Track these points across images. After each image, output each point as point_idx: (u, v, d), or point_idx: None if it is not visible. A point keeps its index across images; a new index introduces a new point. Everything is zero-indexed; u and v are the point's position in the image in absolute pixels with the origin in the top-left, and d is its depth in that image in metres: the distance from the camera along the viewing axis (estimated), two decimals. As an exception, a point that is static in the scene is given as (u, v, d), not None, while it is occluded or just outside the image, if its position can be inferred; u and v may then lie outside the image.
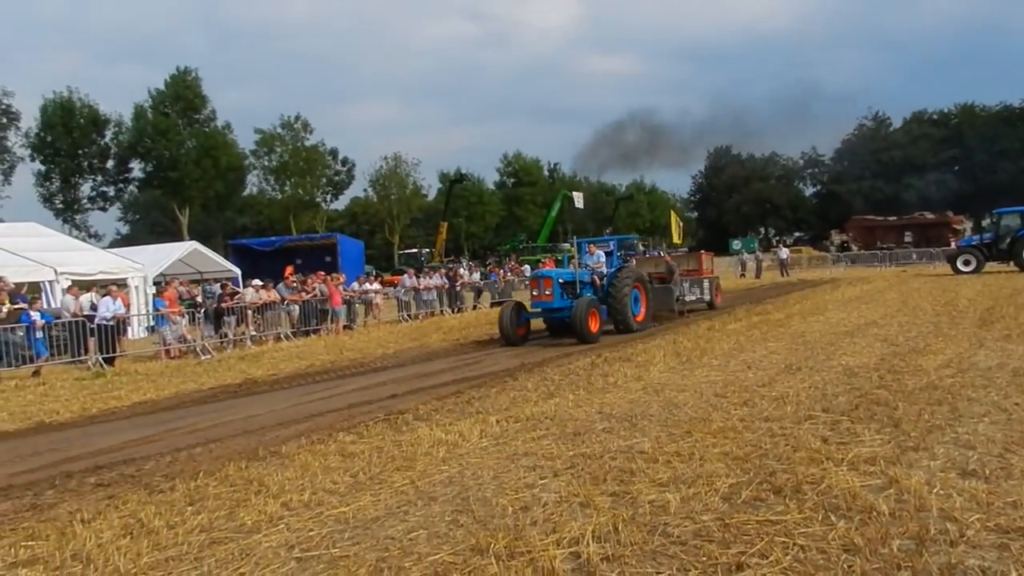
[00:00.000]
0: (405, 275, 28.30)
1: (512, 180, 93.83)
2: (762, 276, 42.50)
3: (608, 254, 18.33)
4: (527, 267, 43.16)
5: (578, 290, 16.60)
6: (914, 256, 45.89)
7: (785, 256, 45.03)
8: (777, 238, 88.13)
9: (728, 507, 4.65)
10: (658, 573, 3.75)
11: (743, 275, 44.22)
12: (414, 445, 6.88)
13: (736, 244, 76.94)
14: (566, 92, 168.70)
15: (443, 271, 32.17)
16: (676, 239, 75.17)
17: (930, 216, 59.96)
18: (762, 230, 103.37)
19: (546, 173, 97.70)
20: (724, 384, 9.00)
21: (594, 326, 15.38)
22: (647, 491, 5.04)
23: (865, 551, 3.87)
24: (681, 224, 56.70)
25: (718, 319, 17.61)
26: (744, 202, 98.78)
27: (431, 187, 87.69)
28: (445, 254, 59.61)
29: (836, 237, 64.90)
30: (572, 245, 17.48)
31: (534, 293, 16.59)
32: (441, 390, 10.58)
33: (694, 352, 11.97)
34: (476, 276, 34.27)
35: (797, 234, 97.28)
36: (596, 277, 17.13)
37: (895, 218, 61.99)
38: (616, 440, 6.58)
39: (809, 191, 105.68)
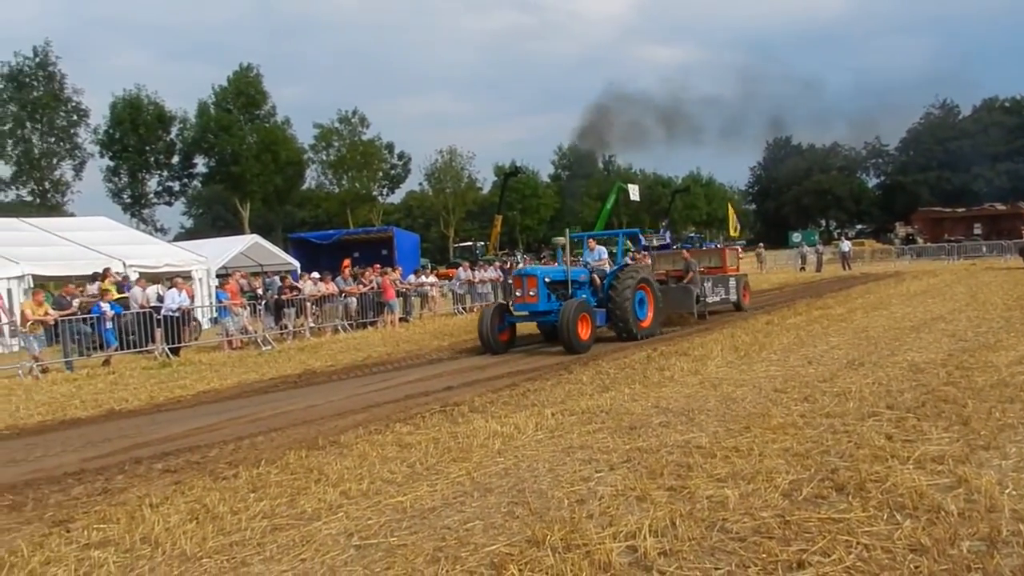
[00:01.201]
0: (460, 268, 28.45)
1: (567, 172, 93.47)
2: (823, 270, 41.53)
3: (625, 251, 17.26)
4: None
5: (570, 291, 14.66)
6: (984, 249, 44.33)
7: (847, 249, 43.90)
8: (839, 231, 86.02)
9: (788, 504, 4.57)
10: (716, 569, 3.71)
11: (803, 268, 43.32)
12: (470, 437, 6.92)
13: (796, 237, 75.46)
14: (622, 83, 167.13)
15: (498, 264, 32.26)
16: (732, 232, 73.90)
17: (1001, 207, 57.74)
18: (823, 223, 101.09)
19: (601, 165, 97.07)
20: (784, 379, 8.83)
21: (584, 333, 13.49)
22: (705, 486, 4.98)
23: (933, 552, 3.76)
24: (736, 218, 55.89)
25: (777, 313, 17.29)
26: (804, 194, 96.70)
27: (486, 180, 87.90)
28: (500, 247, 59.73)
29: (901, 229, 62.98)
30: (566, 237, 15.42)
31: (517, 294, 14.45)
32: (496, 383, 10.63)
33: (752, 346, 11.78)
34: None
35: (859, 227, 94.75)
36: (596, 276, 15.24)
37: (963, 209, 59.96)
38: (673, 434, 6.52)
39: (872, 182, 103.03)
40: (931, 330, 12.34)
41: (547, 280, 14.32)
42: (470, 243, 62.45)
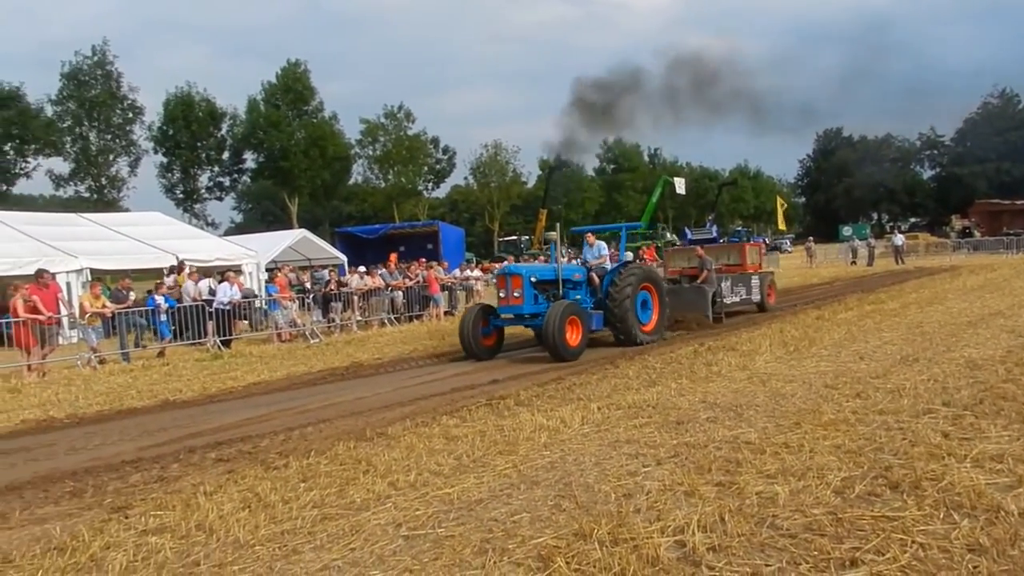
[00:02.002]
0: (505, 262, 28.50)
1: (612, 166, 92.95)
2: (875, 264, 40.63)
3: (637, 247, 16.58)
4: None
5: (561, 291, 13.32)
6: (1044, 242, 42.86)
7: (900, 243, 42.85)
8: (891, 224, 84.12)
9: (840, 501, 4.49)
10: (767, 565, 3.66)
11: (854, 263, 42.46)
12: (516, 430, 6.94)
13: (847, 230, 73.96)
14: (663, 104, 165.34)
15: (543, 258, 32.23)
16: (781, 225, 72.70)
17: (1063, 199, 55.84)
18: (875, 216, 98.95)
19: (646, 159, 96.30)
20: (835, 375, 8.67)
21: (573, 338, 12.05)
22: (754, 482, 4.92)
23: (992, 552, 3.66)
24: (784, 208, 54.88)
25: (827, 308, 16.96)
26: (856, 186, 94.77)
27: (530, 174, 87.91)
28: (544, 241, 59.67)
29: (957, 222, 61.30)
30: (556, 232, 14.32)
31: (500, 295, 13.13)
32: (541, 376, 10.63)
33: (802, 342, 11.58)
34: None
35: (913, 220, 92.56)
36: (595, 275, 13.92)
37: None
38: (721, 430, 6.45)
39: (927, 174, 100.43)
40: (989, 326, 11.99)
41: (533, 280, 12.90)
42: (515, 237, 62.59)
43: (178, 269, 19.38)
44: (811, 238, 53.07)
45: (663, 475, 5.26)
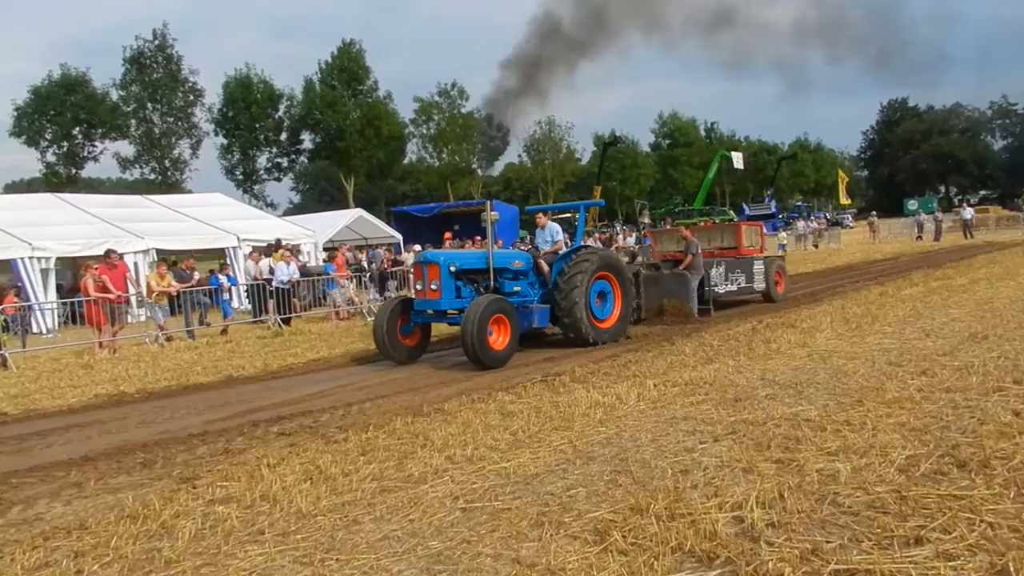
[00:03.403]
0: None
1: (667, 141, 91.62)
2: (942, 239, 39.34)
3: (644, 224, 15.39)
4: (635, 239, 42.20)
5: (493, 282, 11.23)
6: (1126, 215, 40.92)
7: (969, 216, 41.36)
8: (960, 197, 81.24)
9: (905, 479, 4.38)
10: (827, 542, 3.61)
11: (919, 237, 41.17)
12: (571, 406, 6.95)
13: (912, 204, 71.80)
14: (724, 48, 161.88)
15: (597, 235, 32.06)
16: (842, 200, 70.83)
17: None
18: (942, 189, 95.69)
19: (703, 133, 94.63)
20: (899, 352, 8.45)
21: (499, 341, 10.15)
22: (814, 459, 4.84)
23: (1065, 533, 3.54)
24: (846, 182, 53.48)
25: (891, 284, 16.51)
26: (922, 158, 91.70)
27: (585, 151, 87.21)
28: (599, 218, 59.30)
29: (1030, 195, 58.89)
30: (490, 209, 11.53)
31: (417, 287, 11.19)
32: (596, 353, 10.62)
33: (864, 318, 11.30)
34: (631, 240, 33.91)
35: (983, 192, 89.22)
36: (544, 263, 11.82)
37: (1103, 173, 55.48)
38: (780, 407, 6.36)
39: (998, 144, 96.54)
40: (1064, 301, 11.53)
41: (453, 269, 10.79)
42: (568, 215, 62.38)
43: (274, 248, 19.77)
44: (874, 212, 51.64)
45: (720, 452, 5.22)
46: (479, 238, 24.41)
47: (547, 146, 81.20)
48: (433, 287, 10.64)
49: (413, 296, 11.71)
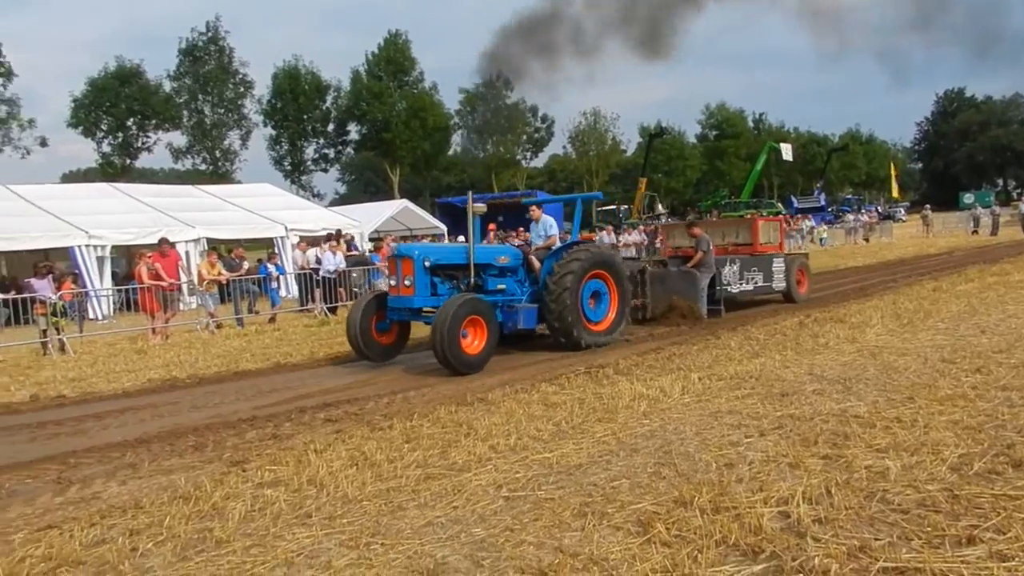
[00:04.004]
0: (603, 232, 28.27)
1: (714, 132, 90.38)
2: (999, 233, 38.20)
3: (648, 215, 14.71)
4: (632, 233, 41.59)
5: (472, 279, 10.38)
6: None
7: (1028, 211, 40.07)
8: (1018, 191, 78.74)
9: (957, 478, 4.29)
10: (876, 540, 3.55)
11: (975, 232, 40.02)
12: (615, 398, 6.94)
13: (968, 198, 69.89)
14: (776, 37, 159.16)
15: (642, 228, 31.82)
16: (895, 193, 69.16)
17: None
18: (999, 182, 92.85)
19: (751, 124, 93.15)
20: (952, 349, 8.25)
21: (474, 344, 9.36)
22: (863, 456, 4.77)
23: None
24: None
25: (945, 279, 16.10)
26: (978, 151, 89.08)
27: (630, 142, 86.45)
28: (644, 210, 58.85)
29: (1093, 189, 56.79)
30: (469, 198, 10.92)
31: (391, 283, 10.45)
32: (640, 346, 10.56)
33: (916, 314, 11.05)
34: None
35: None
36: (535, 259, 11.04)
37: None
38: (828, 403, 6.26)
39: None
40: None
41: (427, 264, 9.94)
42: (613, 207, 61.95)
43: (335, 237, 20.02)
44: (928, 206, 50.28)
45: (766, 446, 5.17)
46: (522, 229, 24.38)
47: (592, 137, 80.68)
48: (407, 283, 9.86)
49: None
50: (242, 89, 63.49)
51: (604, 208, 63.54)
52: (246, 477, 5.28)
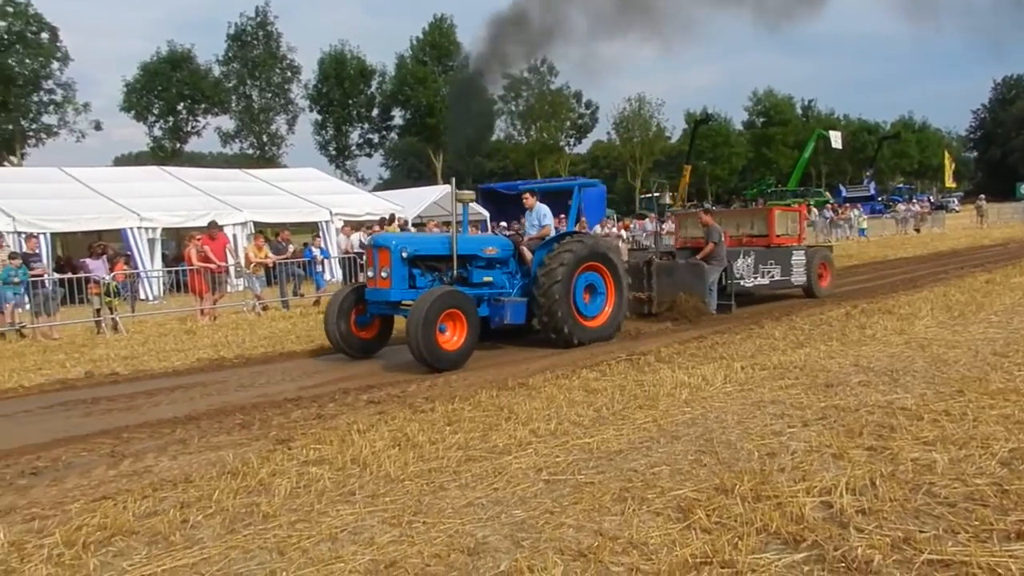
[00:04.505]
0: (647, 219, 28.07)
1: (762, 119, 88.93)
2: (1057, 224, 37.04)
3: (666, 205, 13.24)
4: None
5: (456, 270, 9.82)
6: None
7: (1089, 202, 38.74)
8: (1080, 181, 76.14)
9: (1007, 472, 4.21)
10: (921, 532, 3.51)
11: (1032, 223, 38.85)
12: (656, 386, 6.92)
13: (1025, 188, 67.79)
14: (822, 21, 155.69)
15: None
16: (948, 182, 67.42)
17: None
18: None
19: (799, 111, 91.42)
20: (1005, 342, 8.06)
21: (452, 340, 8.90)
22: (909, 448, 4.70)
23: None
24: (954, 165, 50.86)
25: (999, 271, 15.68)
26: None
27: (675, 129, 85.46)
28: (688, 198, 58.27)
29: None
30: (452, 184, 10.71)
31: (368, 274, 9.79)
32: (682, 334, 10.49)
33: (968, 306, 10.80)
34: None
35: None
36: (526, 250, 10.44)
37: None
38: (874, 394, 6.17)
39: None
40: None
41: (404, 255, 9.38)
42: (657, 194, 61.43)
43: (389, 221, 20.25)
44: (982, 196, 48.88)
45: (810, 436, 5.12)
46: (563, 216, 24.29)
47: (636, 123, 79.94)
48: (383, 275, 9.35)
49: None
50: (289, 74, 64.20)
51: (647, 195, 63.06)
52: (291, 455, 5.40)
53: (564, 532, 3.77)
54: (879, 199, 61.46)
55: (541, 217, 10.92)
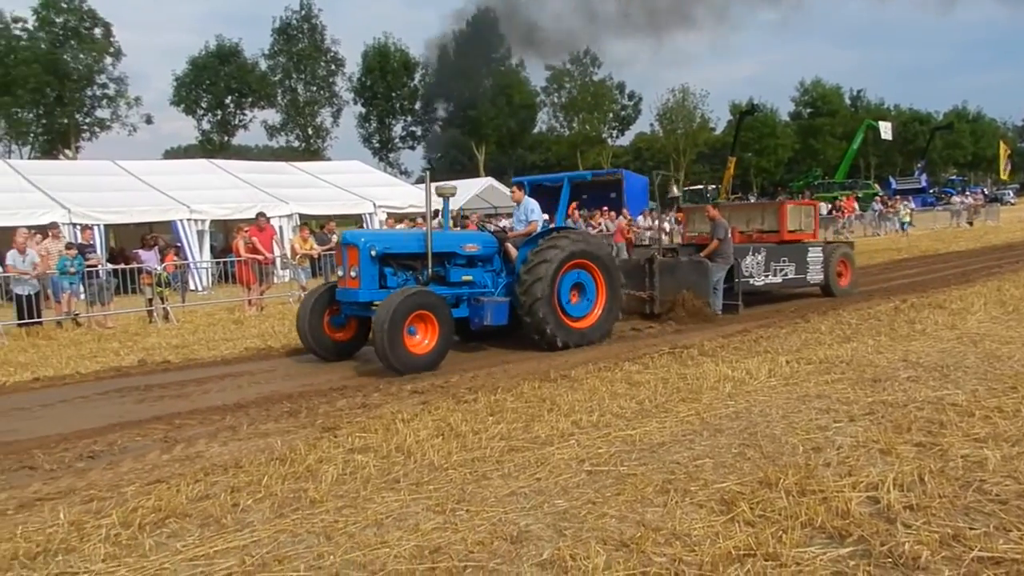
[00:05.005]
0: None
1: (809, 110, 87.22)
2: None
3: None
4: (822, 205, 40.30)
5: (431, 269, 9.32)
6: None
7: None
8: None
9: (1062, 471, 4.12)
10: (971, 529, 3.45)
11: (1092, 216, 37.58)
12: (699, 379, 6.89)
13: (1085, 180, 65.68)
14: (872, 10, 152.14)
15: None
16: (1003, 174, 65.53)
17: None
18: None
19: (848, 101, 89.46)
20: (1062, 338, 7.84)
21: (422, 343, 8.46)
22: (959, 445, 4.61)
23: None
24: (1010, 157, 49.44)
25: (1056, 265, 15.22)
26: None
27: (719, 120, 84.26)
28: (732, 191, 57.53)
29: None
30: (428, 180, 10.35)
31: (339, 273, 9.50)
32: (726, 328, 10.41)
33: (1023, 301, 10.52)
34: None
35: None
36: (511, 247, 9.89)
37: None
38: (923, 390, 6.07)
39: None
40: None
41: (373, 253, 8.88)
42: (701, 186, 60.84)
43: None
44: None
45: (856, 432, 5.05)
46: (606, 208, 24.21)
47: (680, 115, 79.03)
48: (352, 274, 8.90)
49: None
50: (333, 67, 64.80)
51: (691, 188, 62.47)
52: (337, 442, 5.49)
53: (606, 522, 3.79)
54: (931, 191, 59.99)
55: (528, 212, 10.33)
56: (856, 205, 39.01)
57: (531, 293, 9.17)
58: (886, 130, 56.20)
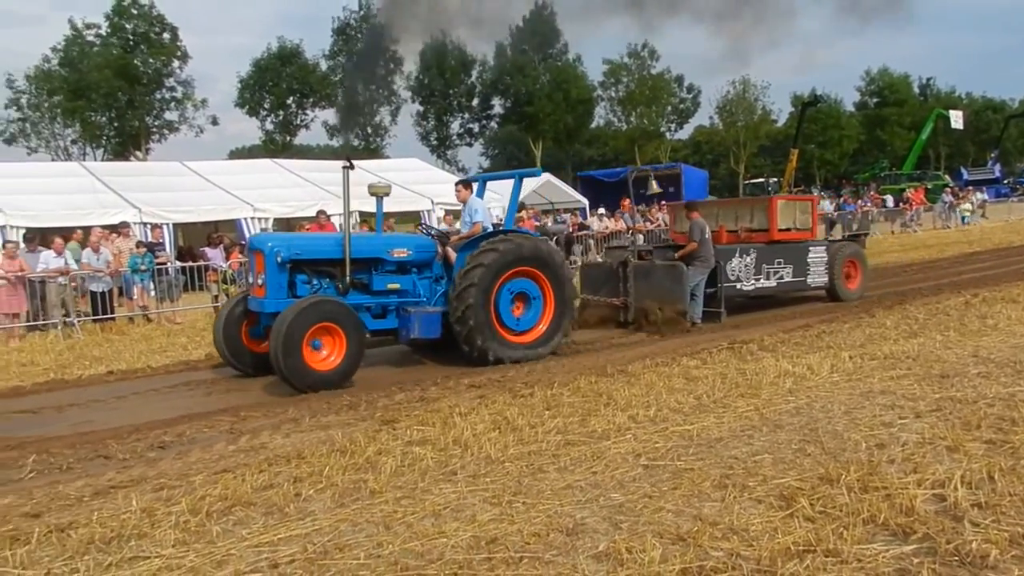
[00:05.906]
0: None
1: (875, 100, 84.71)
2: None
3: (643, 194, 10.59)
4: (888, 197, 39.22)
5: (350, 277, 8.38)
6: None
7: None
8: None
9: None
10: (1043, 529, 3.34)
11: None
12: (759, 374, 6.79)
13: None
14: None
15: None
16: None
17: None
18: None
19: (916, 90, 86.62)
20: None
21: (326, 359, 7.67)
22: (1032, 443, 4.46)
23: None
24: None
25: None
26: None
27: (781, 111, 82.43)
28: (795, 183, 56.34)
29: None
30: (349, 169, 9.02)
31: (249, 280, 8.83)
32: (787, 323, 10.24)
33: (1104, 295, 10.09)
34: (829, 207, 31.93)
35: None
36: (451, 251, 8.98)
37: None
38: (994, 386, 5.87)
39: None
40: None
41: (279, 259, 8.00)
42: (762, 180, 59.64)
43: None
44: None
45: (922, 428, 4.93)
46: (664, 203, 23.95)
47: (740, 107, 77.60)
48: (259, 282, 8.10)
49: None
50: (392, 66, 65.49)
51: (753, 181, 61.33)
52: (396, 435, 5.59)
53: (663, 516, 3.79)
54: (1005, 182, 57.74)
55: (473, 213, 9.38)
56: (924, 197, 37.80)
57: (463, 299, 8.28)
58: (957, 119, 54.31)
